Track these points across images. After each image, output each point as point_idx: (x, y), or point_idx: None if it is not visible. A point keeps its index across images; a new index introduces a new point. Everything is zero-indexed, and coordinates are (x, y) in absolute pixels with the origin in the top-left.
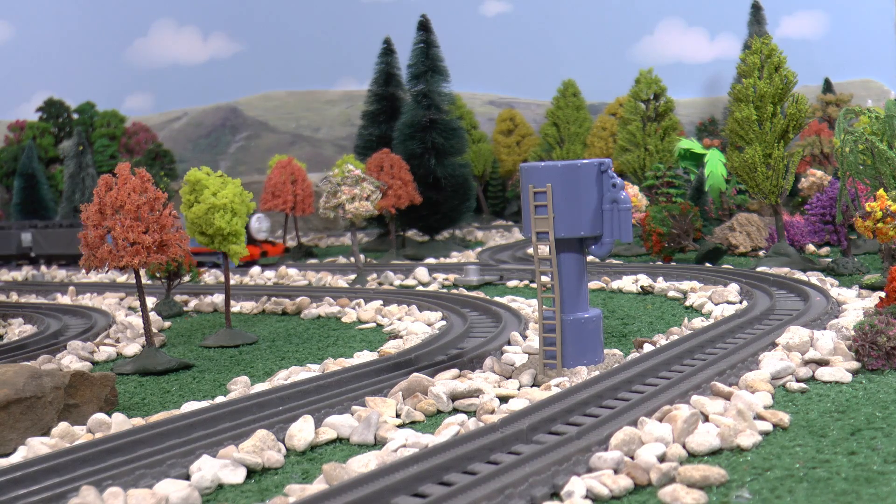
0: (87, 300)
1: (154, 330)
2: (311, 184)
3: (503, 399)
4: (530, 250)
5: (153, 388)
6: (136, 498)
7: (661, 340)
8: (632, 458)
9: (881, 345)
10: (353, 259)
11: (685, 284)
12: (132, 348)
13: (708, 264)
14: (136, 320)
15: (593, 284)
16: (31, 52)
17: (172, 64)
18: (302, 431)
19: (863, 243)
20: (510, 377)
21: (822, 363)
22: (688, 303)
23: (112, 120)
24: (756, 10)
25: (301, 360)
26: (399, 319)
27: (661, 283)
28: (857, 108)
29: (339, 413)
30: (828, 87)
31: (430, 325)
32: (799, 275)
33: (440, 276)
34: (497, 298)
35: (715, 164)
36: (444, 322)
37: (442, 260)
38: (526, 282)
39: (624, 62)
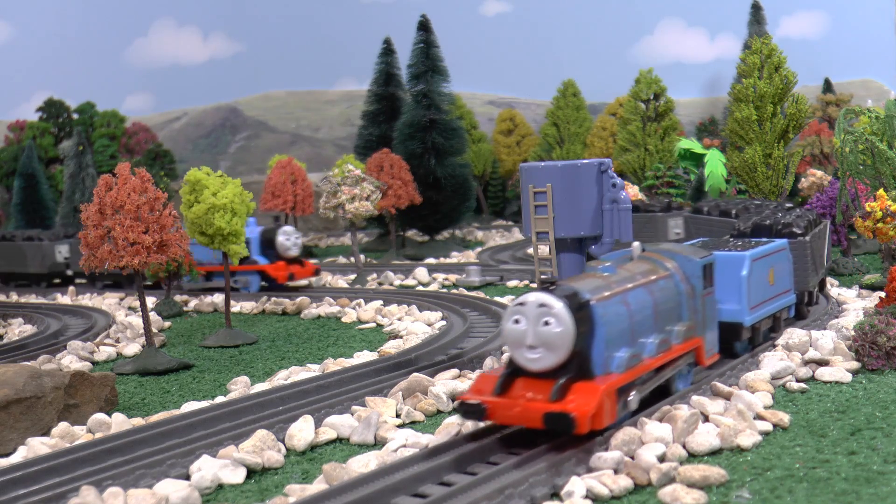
0: (87, 300)
1: (154, 330)
2: (311, 184)
3: None
4: (530, 250)
5: (153, 388)
6: (136, 498)
7: None
8: (632, 458)
9: (881, 345)
10: (352, 259)
11: None
12: (132, 348)
13: None
14: (136, 320)
15: None
16: (31, 52)
17: (172, 64)
18: (302, 431)
19: (863, 243)
20: None
21: (822, 363)
22: None
23: (112, 120)
24: (756, 10)
25: (301, 360)
26: (399, 319)
27: None
28: (857, 108)
29: (339, 413)
30: (828, 87)
31: (430, 325)
32: None
33: (440, 277)
34: (497, 298)
35: (715, 164)
36: (444, 322)
37: (442, 260)
38: (526, 282)
39: (624, 62)
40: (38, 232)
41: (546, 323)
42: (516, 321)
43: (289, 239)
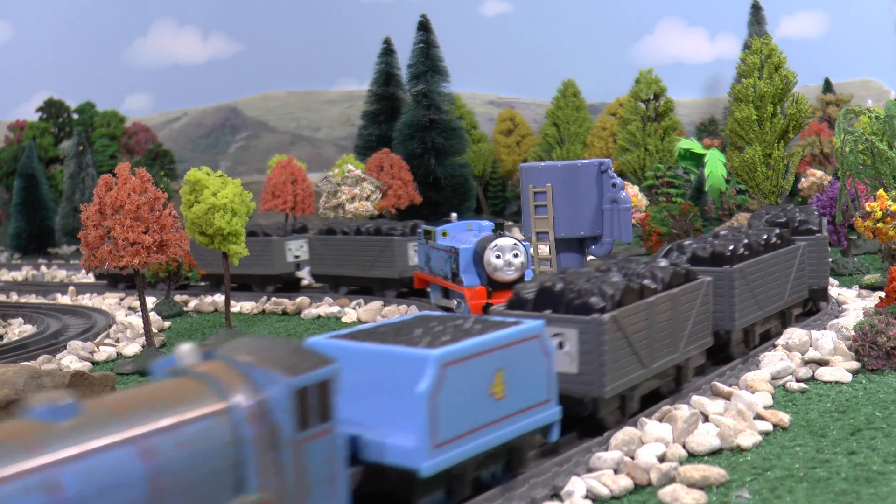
0: (87, 300)
1: (154, 330)
2: (311, 184)
3: None
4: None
5: None
6: None
7: None
8: (632, 458)
9: (881, 345)
10: None
11: None
12: (132, 348)
13: None
14: (136, 320)
15: None
16: (31, 52)
17: (172, 64)
18: None
19: (863, 243)
20: None
21: (822, 363)
22: None
23: (112, 120)
24: (756, 10)
25: None
26: None
27: None
28: (857, 108)
29: None
30: (828, 87)
31: None
32: None
33: None
34: None
35: (715, 164)
36: None
37: None
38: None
39: (624, 62)
40: None
41: None
42: None
43: (500, 256)
